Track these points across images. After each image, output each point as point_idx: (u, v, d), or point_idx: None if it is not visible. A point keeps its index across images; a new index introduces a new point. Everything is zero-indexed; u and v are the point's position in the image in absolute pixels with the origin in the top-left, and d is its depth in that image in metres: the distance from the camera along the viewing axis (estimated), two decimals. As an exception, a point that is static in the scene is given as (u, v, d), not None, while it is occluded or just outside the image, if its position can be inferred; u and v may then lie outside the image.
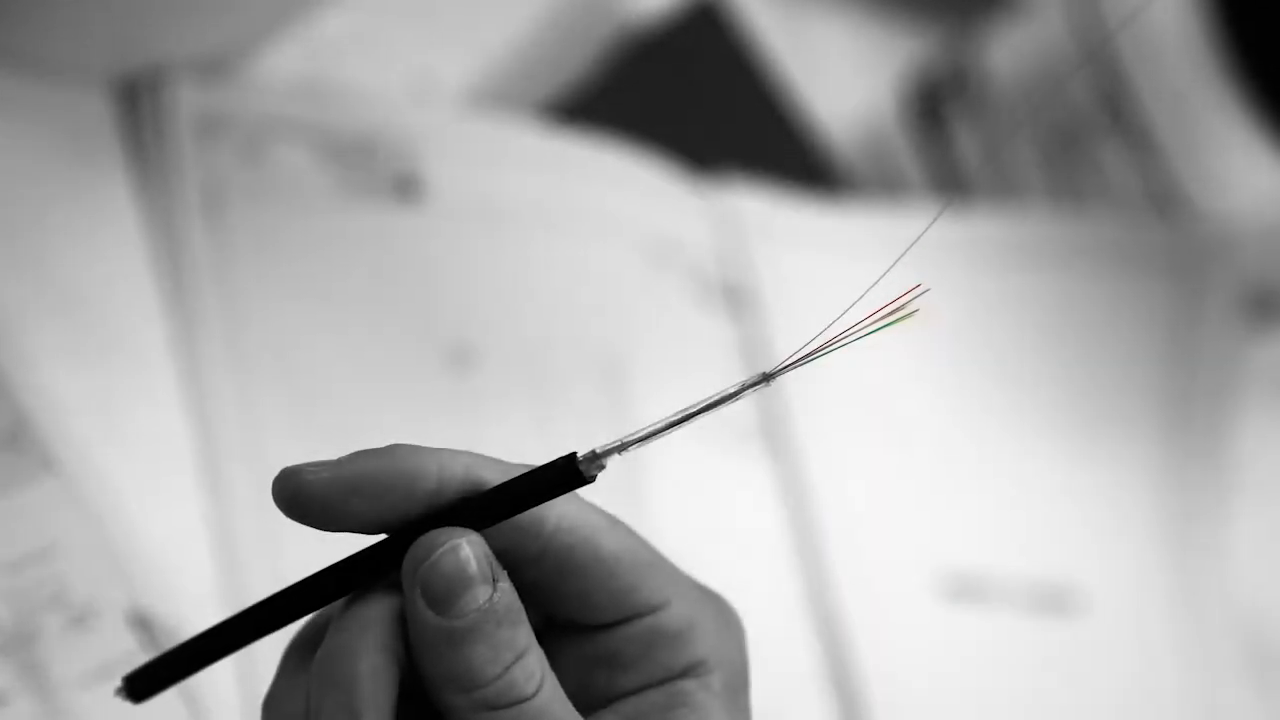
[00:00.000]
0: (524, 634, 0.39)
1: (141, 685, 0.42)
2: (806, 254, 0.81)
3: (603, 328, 0.75)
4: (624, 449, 0.39)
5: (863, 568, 0.76)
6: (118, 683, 0.42)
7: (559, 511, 0.41)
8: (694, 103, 0.86)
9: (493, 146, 0.76)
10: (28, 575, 0.58)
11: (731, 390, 0.39)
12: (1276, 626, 0.80)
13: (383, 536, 0.40)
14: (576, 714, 0.40)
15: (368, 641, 0.39)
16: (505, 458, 0.41)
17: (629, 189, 0.79)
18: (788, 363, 0.39)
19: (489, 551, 0.39)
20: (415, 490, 0.39)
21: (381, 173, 0.72)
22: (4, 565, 0.58)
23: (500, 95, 0.83)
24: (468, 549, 0.39)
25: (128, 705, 0.42)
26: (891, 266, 0.41)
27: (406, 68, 0.80)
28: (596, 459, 0.39)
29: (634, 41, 0.85)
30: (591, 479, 0.39)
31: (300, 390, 0.67)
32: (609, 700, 0.42)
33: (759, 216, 0.81)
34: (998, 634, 0.77)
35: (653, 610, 0.42)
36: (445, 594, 0.38)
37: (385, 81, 0.79)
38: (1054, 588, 0.79)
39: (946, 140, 0.91)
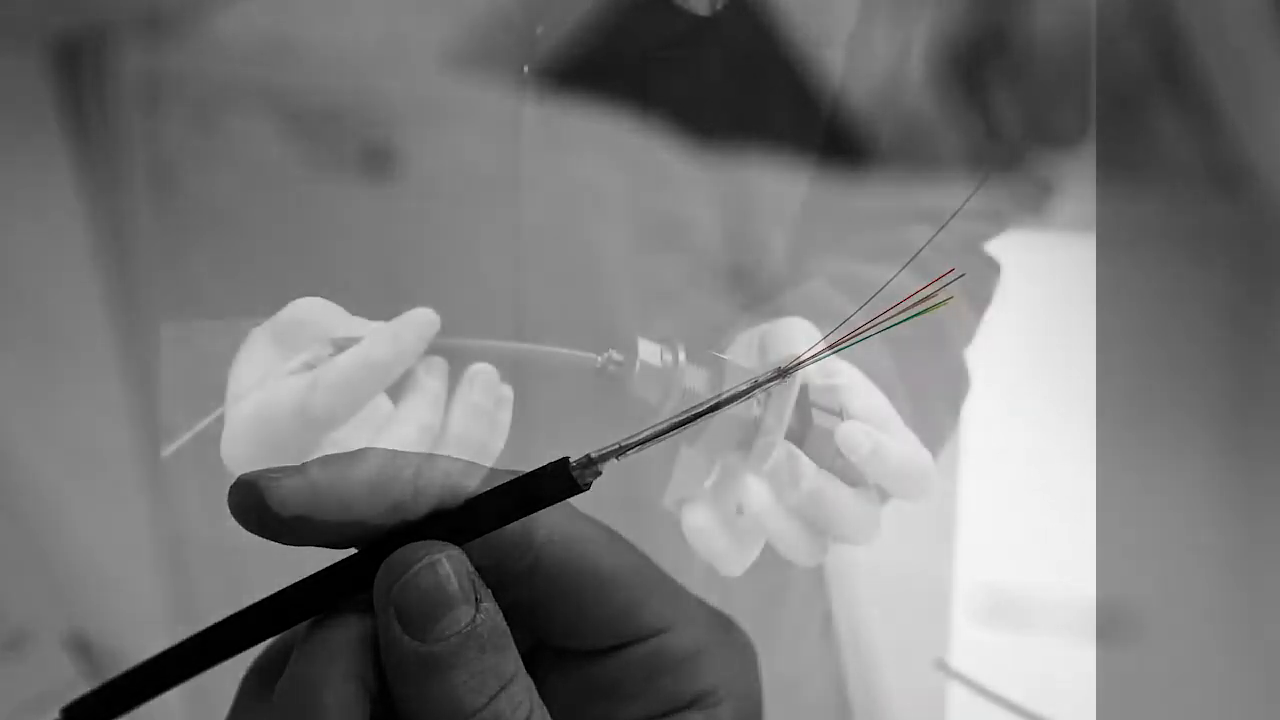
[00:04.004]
0: (510, 660, 0.39)
1: (81, 718, 0.42)
2: (825, 234, 0.81)
3: (597, 317, 0.75)
4: (622, 453, 0.39)
5: (885, 585, 0.76)
6: (55, 715, 0.42)
7: (550, 523, 0.41)
8: (699, 65, 0.86)
9: (473, 115, 0.76)
10: (-47, 594, 0.58)
11: (743, 387, 0.39)
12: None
13: (352, 551, 0.40)
14: (569, 749, 0.40)
15: (335, 669, 0.39)
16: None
17: (626, 162, 0.78)
18: (805, 357, 0.39)
19: (471, 568, 0.39)
20: (388, 499, 0.39)
21: (349, 144, 0.72)
22: (-73, 583, 0.58)
23: (481, 57, 0.83)
24: (447, 565, 0.39)
25: (66, 740, 0.42)
26: (922, 249, 0.41)
27: (378, 27, 0.80)
28: (592, 464, 0.39)
29: (632, -4, 0.85)
30: (586, 487, 0.39)
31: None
32: (606, 734, 0.42)
33: (772, 193, 0.81)
34: (1035, 662, 0.77)
35: (655, 634, 0.42)
36: (422, 615, 0.38)
37: (354, 42, 0.79)
38: (1100, 611, 0.79)
39: (984, 107, 0.90)
